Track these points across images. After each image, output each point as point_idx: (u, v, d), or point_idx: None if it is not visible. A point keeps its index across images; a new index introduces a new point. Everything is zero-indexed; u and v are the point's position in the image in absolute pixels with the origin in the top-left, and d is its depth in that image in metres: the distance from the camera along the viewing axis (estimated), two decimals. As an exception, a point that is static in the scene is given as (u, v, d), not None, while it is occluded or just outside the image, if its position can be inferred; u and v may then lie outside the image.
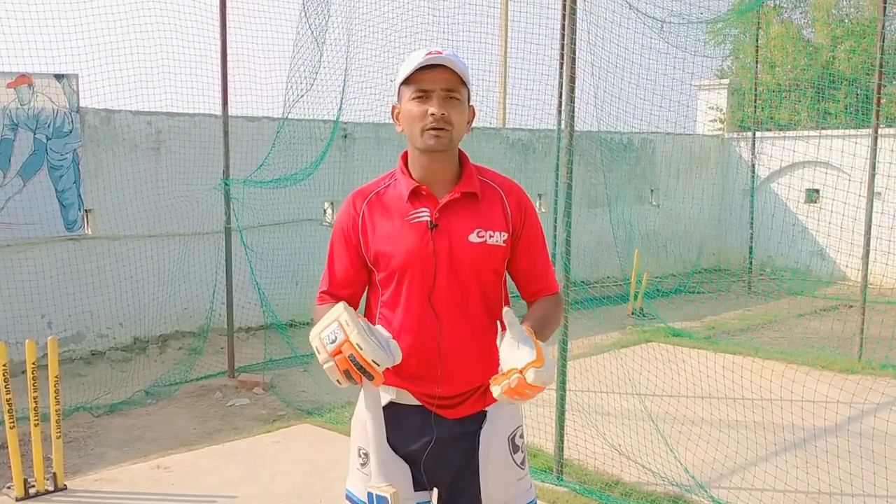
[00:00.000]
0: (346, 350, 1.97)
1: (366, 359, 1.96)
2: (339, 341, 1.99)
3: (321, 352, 2.02)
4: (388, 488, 2.11)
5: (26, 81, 7.28)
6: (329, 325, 2.03)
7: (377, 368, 1.98)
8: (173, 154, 8.34)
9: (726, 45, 17.46)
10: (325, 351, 2.01)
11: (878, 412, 6.05)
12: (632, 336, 8.95)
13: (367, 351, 1.96)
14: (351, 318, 2.00)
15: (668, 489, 4.78)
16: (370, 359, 1.96)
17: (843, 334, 8.58)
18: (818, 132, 12.58)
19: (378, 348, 1.97)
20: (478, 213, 2.30)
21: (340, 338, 1.99)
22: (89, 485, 4.84)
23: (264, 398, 6.71)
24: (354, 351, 1.96)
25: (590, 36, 5.78)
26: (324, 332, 2.03)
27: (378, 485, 2.14)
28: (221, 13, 6.93)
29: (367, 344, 1.96)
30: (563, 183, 4.90)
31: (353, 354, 1.96)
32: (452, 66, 2.21)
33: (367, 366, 1.96)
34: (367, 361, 1.96)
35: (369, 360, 1.96)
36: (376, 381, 2.01)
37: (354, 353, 1.96)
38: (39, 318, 7.50)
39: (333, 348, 1.99)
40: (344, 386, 2.04)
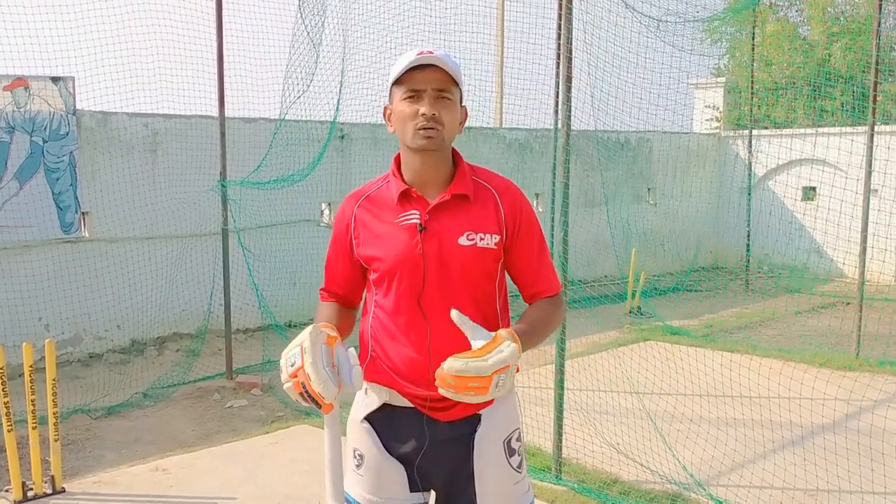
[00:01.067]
0: (300, 376, 2.03)
1: (313, 389, 2.01)
2: (296, 366, 2.05)
3: (283, 371, 2.07)
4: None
5: (23, 84, 7.28)
6: (294, 348, 2.08)
7: (323, 401, 2.02)
8: (170, 156, 8.34)
9: (722, 44, 17.49)
10: (285, 372, 2.07)
11: (875, 409, 6.06)
12: (630, 334, 8.96)
13: (315, 383, 2.00)
14: (312, 344, 2.05)
15: (666, 487, 4.79)
16: (317, 391, 2.00)
17: (840, 331, 8.60)
18: (815, 130, 12.60)
19: (327, 380, 2.01)
20: (469, 216, 2.28)
21: (297, 363, 2.04)
22: (87, 487, 4.84)
23: (262, 399, 6.71)
24: (305, 379, 2.02)
25: (586, 35, 5.78)
26: (289, 353, 2.08)
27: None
28: (217, 15, 6.93)
29: (316, 376, 2.00)
30: (560, 182, 4.90)
31: (304, 382, 2.02)
32: (444, 66, 2.19)
33: (315, 396, 2.02)
34: (315, 392, 2.01)
35: (316, 391, 2.01)
36: (324, 409, 2.05)
37: (305, 382, 2.02)
38: (37, 320, 7.49)
39: (291, 371, 2.05)
40: (304, 406, 2.10)
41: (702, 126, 15.20)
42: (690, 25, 9.15)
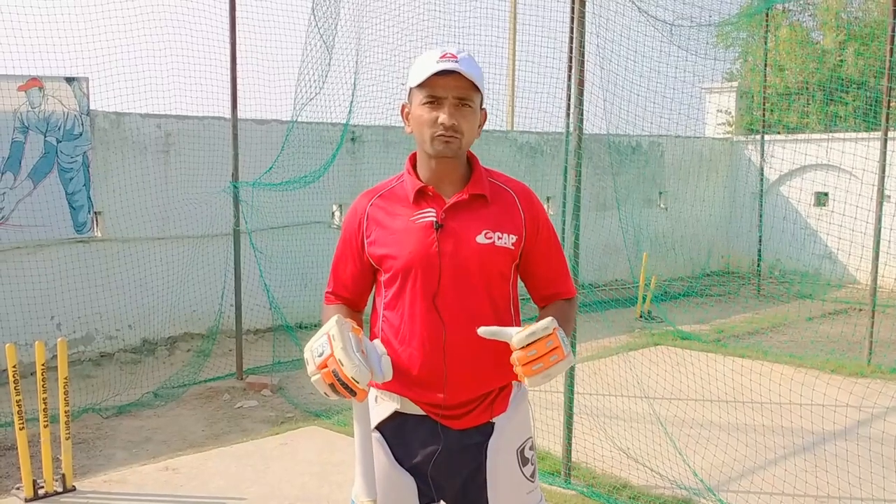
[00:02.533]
0: (331, 364, 1.97)
1: (347, 375, 1.96)
2: (325, 355, 1.99)
3: (309, 363, 2.02)
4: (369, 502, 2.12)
5: (37, 84, 7.32)
6: (320, 338, 2.03)
7: (357, 385, 1.97)
8: (183, 157, 8.37)
9: (735, 49, 17.43)
10: (312, 363, 2.01)
11: (887, 416, 6.02)
12: (640, 339, 8.94)
13: (348, 367, 1.95)
14: (340, 331, 2.00)
15: (676, 493, 4.77)
16: (351, 375, 1.95)
17: (852, 338, 8.55)
18: (827, 135, 12.54)
19: (361, 365, 1.96)
20: (487, 215, 2.26)
21: (327, 352, 1.99)
22: (98, 486, 4.86)
23: (272, 400, 6.73)
24: (337, 366, 1.96)
25: (598, 39, 5.78)
26: (314, 344, 2.03)
27: (361, 498, 2.13)
28: (231, 16, 6.96)
29: (348, 360, 1.95)
30: (571, 186, 4.90)
31: (336, 370, 1.97)
32: (467, 75, 2.15)
33: (349, 382, 1.96)
34: (348, 378, 1.96)
35: (350, 376, 1.95)
36: (359, 397, 2.00)
37: (337, 369, 1.96)
38: (49, 319, 7.53)
39: (320, 362, 2.00)
40: (333, 399, 2.04)
41: (714, 130, 15.16)
42: (703, 30, 9.14)
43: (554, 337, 2.00)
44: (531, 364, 1.98)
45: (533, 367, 1.98)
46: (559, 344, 2.01)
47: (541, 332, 1.99)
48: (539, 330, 2.00)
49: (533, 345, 1.99)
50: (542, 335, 1.99)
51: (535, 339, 1.99)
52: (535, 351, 1.98)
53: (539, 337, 1.99)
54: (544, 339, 1.99)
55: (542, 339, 1.99)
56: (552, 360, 1.99)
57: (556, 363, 1.99)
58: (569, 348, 2.03)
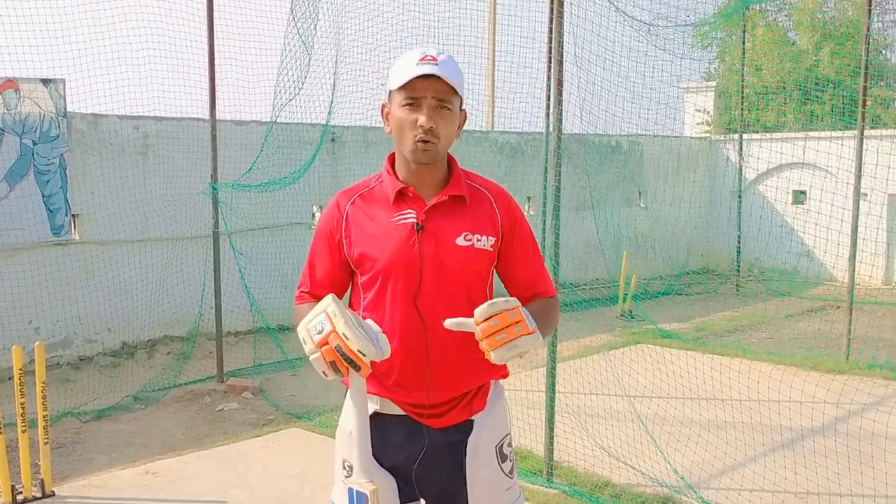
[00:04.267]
0: (333, 340, 1.93)
1: (352, 349, 1.92)
2: (325, 332, 1.95)
3: (307, 342, 1.98)
4: (369, 484, 2.07)
5: (12, 86, 7.25)
6: (316, 316, 1.99)
7: (363, 359, 1.93)
8: (161, 158, 8.32)
9: (713, 48, 17.56)
10: (311, 342, 1.97)
11: (865, 412, 6.08)
12: (621, 338, 8.98)
13: (354, 341, 1.92)
14: (339, 308, 1.97)
15: (657, 490, 4.80)
16: (356, 349, 1.92)
17: (830, 335, 8.63)
18: (804, 134, 12.66)
19: (365, 338, 1.93)
20: (465, 217, 2.27)
21: (327, 328, 1.95)
22: (77, 491, 4.82)
23: (254, 402, 6.70)
24: (341, 341, 1.92)
25: (577, 39, 5.80)
26: (311, 323, 1.99)
27: (359, 481, 2.07)
28: (209, 17, 6.92)
29: (353, 334, 1.92)
30: (551, 186, 4.91)
31: (340, 345, 1.92)
32: (446, 79, 2.15)
33: (354, 356, 1.92)
34: (354, 352, 1.92)
35: (356, 349, 1.92)
36: (363, 371, 1.96)
37: (341, 343, 1.92)
38: (26, 323, 7.46)
39: (320, 339, 1.95)
40: (330, 378, 2.00)
41: (693, 130, 15.26)
42: (681, 30, 9.19)
43: (517, 311, 1.98)
44: (495, 335, 1.95)
45: (496, 337, 1.95)
46: (522, 318, 1.98)
47: (502, 304, 1.97)
48: (500, 301, 1.98)
49: (495, 316, 1.96)
50: (503, 307, 1.97)
51: (497, 311, 1.96)
52: (498, 322, 1.95)
53: (501, 308, 1.97)
54: (506, 311, 1.97)
55: (505, 311, 1.97)
56: (516, 331, 1.96)
57: (520, 335, 1.96)
58: (535, 326, 2.00)
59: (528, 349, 1.98)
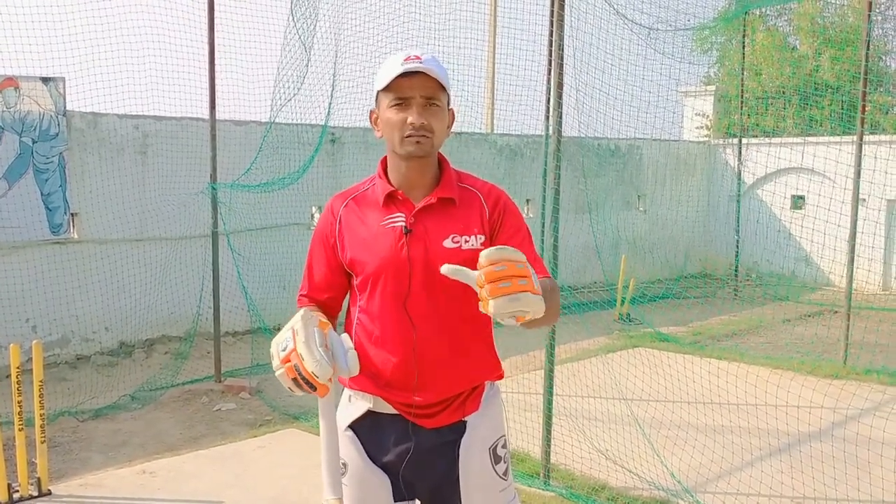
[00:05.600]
0: (293, 359, 1.92)
1: (307, 369, 1.90)
2: (288, 349, 1.94)
3: (274, 358, 1.97)
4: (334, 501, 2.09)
5: (12, 84, 7.25)
6: (285, 333, 1.98)
7: (317, 380, 1.90)
8: (160, 158, 8.32)
9: (712, 53, 17.57)
10: (277, 357, 1.96)
11: (862, 417, 6.09)
12: (619, 341, 8.98)
13: (308, 362, 1.89)
14: (304, 325, 1.95)
15: (654, 494, 4.80)
16: (310, 370, 1.89)
17: (828, 340, 8.64)
18: (803, 139, 12.67)
19: (322, 360, 1.90)
20: (454, 218, 2.27)
21: (290, 346, 1.94)
22: (74, 490, 4.81)
23: (251, 403, 6.69)
24: (298, 360, 1.91)
25: (577, 42, 5.81)
26: (279, 339, 1.98)
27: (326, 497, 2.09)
28: (209, 16, 6.92)
29: (309, 355, 1.90)
30: (550, 188, 4.92)
31: (297, 364, 1.91)
32: (432, 74, 2.16)
33: (309, 377, 1.90)
34: (308, 372, 1.90)
35: (310, 370, 1.89)
36: (318, 392, 1.94)
37: (298, 363, 1.91)
38: (24, 322, 7.45)
39: (283, 356, 1.94)
40: (297, 394, 1.98)
41: (692, 134, 15.26)
42: (681, 34, 9.21)
43: (526, 267, 1.78)
44: (497, 281, 1.73)
45: (499, 284, 1.73)
46: (529, 274, 1.77)
47: (511, 252, 1.77)
48: (510, 249, 1.78)
49: (503, 261, 1.75)
50: (513, 255, 1.76)
51: (506, 258, 1.76)
52: (505, 268, 1.74)
53: (510, 255, 1.76)
54: (515, 260, 1.76)
55: (514, 259, 1.76)
56: (521, 283, 1.73)
57: (525, 289, 1.73)
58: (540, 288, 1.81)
59: (529, 310, 1.76)
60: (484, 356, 2.37)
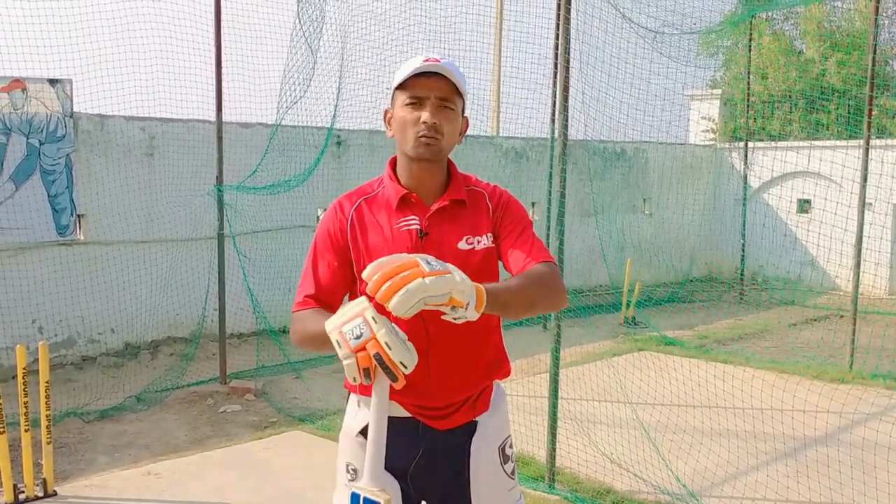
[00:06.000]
0: (372, 348, 1.84)
1: (393, 359, 1.83)
2: (364, 338, 1.86)
3: (342, 346, 1.88)
4: (382, 493, 2.00)
5: (20, 86, 7.27)
6: (353, 319, 1.89)
7: (404, 370, 1.86)
8: (167, 160, 8.33)
9: (719, 56, 17.56)
10: (346, 346, 1.87)
11: (868, 422, 6.07)
12: (624, 345, 8.97)
13: (396, 352, 1.83)
14: (377, 314, 1.88)
15: (659, 498, 4.79)
16: (398, 360, 1.84)
17: (833, 344, 8.61)
18: (810, 143, 12.65)
19: (407, 351, 1.86)
20: (465, 220, 2.28)
21: (366, 334, 1.86)
22: (79, 491, 4.82)
23: (256, 405, 6.70)
24: (381, 350, 1.83)
25: (583, 45, 5.81)
26: (346, 326, 1.89)
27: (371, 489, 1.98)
28: (216, 19, 6.94)
29: (395, 344, 1.84)
30: (556, 191, 4.91)
31: (380, 353, 1.83)
32: (448, 76, 2.18)
33: (394, 367, 1.84)
34: (395, 363, 1.84)
35: (397, 360, 1.84)
36: (399, 383, 1.88)
37: (381, 352, 1.83)
38: (30, 323, 7.47)
39: (357, 344, 1.86)
40: (358, 383, 1.91)
41: (697, 137, 15.25)
42: (687, 38, 9.20)
43: (408, 261, 1.82)
44: (378, 289, 1.79)
45: (381, 289, 1.78)
46: (416, 265, 1.80)
47: (382, 261, 1.84)
48: (384, 259, 1.85)
49: (373, 273, 1.82)
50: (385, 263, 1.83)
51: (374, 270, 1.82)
52: (379, 275, 1.80)
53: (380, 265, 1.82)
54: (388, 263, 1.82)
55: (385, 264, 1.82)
56: (403, 275, 1.78)
57: (409, 278, 1.77)
58: (443, 266, 1.83)
59: (439, 293, 1.79)
60: (495, 356, 2.38)
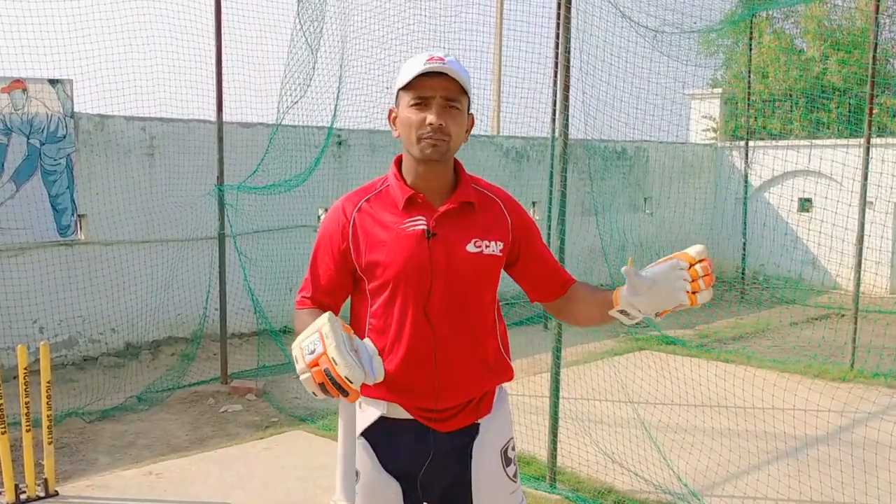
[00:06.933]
0: (323, 363, 1.89)
1: (340, 374, 1.87)
2: (316, 353, 1.91)
3: (299, 361, 1.94)
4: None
5: (20, 86, 7.27)
6: (311, 335, 1.95)
7: (351, 385, 1.89)
8: (167, 160, 8.34)
9: (719, 55, 17.56)
10: (302, 361, 1.93)
11: (869, 421, 6.07)
12: (625, 344, 8.96)
13: (342, 366, 1.87)
14: (333, 329, 1.93)
15: (661, 497, 4.79)
16: (344, 375, 1.87)
17: (835, 343, 8.61)
18: (810, 142, 12.64)
19: (355, 365, 1.88)
20: (475, 223, 2.26)
21: (319, 350, 1.91)
22: (81, 491, 4.82)
23: (257, 404, 6.70)
24: (330, 365, 1.88)
25: (584, 45, 5.80)
26: (304, 342, 1.95)
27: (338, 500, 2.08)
28: (216, 19, 6.94)
29: (342, 359, 1.88)
30: (557, 191, 4.91)
31: (329, 368, 1.88)
32: (454, 75, 2.15)
33: (342, 382, 1.88)
34: (342, 377, 1.88)
35: (343, 375, 1.87)
36: (350, 397, 1.92)
37: (329, 368, 1.88)
38: (31, 323, 7.47)
39: (311, 360, 1.91)
40: (320, 398, 1.96)
41: (698, 136, 15.24)
42: (687, 37, 9.19)
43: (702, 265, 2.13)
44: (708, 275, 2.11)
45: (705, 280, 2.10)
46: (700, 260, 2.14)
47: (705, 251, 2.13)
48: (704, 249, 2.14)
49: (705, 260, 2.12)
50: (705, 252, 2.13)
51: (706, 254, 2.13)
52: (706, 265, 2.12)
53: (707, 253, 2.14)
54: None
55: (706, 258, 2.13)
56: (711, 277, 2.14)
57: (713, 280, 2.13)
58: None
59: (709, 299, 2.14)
60: (500, 359, 2.37)
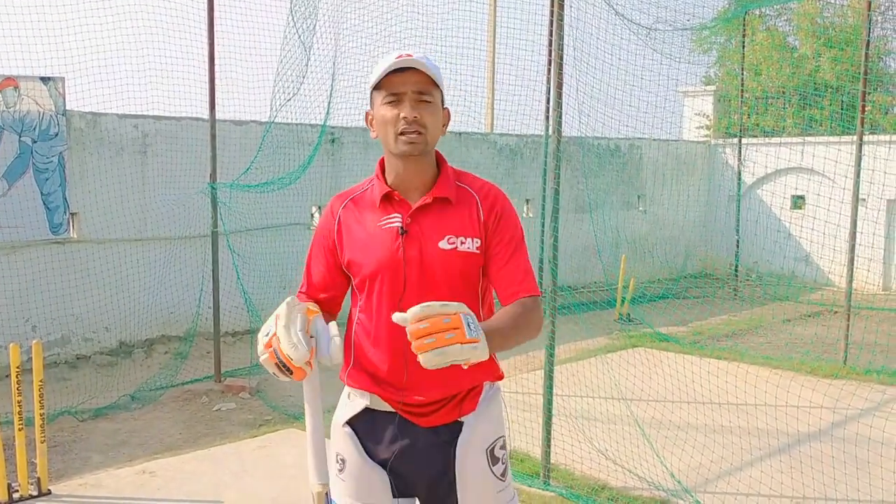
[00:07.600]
0: (274, 343, 1.96)
1: (283, 352, 1.94)
2: (270, 334, 1.98)
3: (259, 344, 2.02)
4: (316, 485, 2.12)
5: (12, 84, 7.25)
6: (270, 319, 2.03)
7: (292, 363, 1.94)
8: (160, 157, 8.31)
9: (712, 53, 17.59)
10: (261, 343, 2.01)
11: (861, 417, 6.09)
12: (618, 341, 8.98)
13: (284, 345, 1.94)
14: (288, 311, 1.99)
15: (654, 494, 4.80)
16: (285, 352, 1.94)
17: (827, 339, 8.64)
18: (803, 139, 12.67)
19: (298, 344, 1.94)
20: (450, 219, 2.26)
21: (272, 331, 1.99)
22: (74, 489, 4.81)
23: (250, 403, 6.69)
24: (277, 344, 1.95)
25: (577, 42, 5.81)
26: (265, 325, 2.03)
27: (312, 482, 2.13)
28: (209, 16, 6.92)
29: (286, 338, 1.94)
30: (550, 188, 4.92)
31: (276, 348, 1.95)
32: (422, 69, 2.17)
33: (285, 359, 1.94)
34: (284, 355, 1.94)
35: (284, 353, 1.94)
36: (295, 376, 1.98)
37: (276, 347, 1.95)
38: (24, 321, 7.45)
39: (265, 341, 1.99)
40: (282, 379, 2.02)
41: (691, 134, 15.27)
42: (680, 34, 9.21)
43: (455, 318, 1.84)
44: (423, 338, 1.81)
45: (424, 340, 1.81)
46: (460, 325, 1.83)
47: (437, 307, 1.85)
48: (436, 305, 1.85)
49: (427, 318, 1.83)
50: (438, 310, 1.84)
51: (429, 315, 1.83)
52: (428, 325, 1.82)
53: (434, 312, 1.84)
54: (440, 315, 1.84)
55: (438, 315, 1.83)
56: (448, 337, 1.81)
57: (452, 342, 1.81)
58: (478, 334, 1.85)
59: (463, 359, 1.84)
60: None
